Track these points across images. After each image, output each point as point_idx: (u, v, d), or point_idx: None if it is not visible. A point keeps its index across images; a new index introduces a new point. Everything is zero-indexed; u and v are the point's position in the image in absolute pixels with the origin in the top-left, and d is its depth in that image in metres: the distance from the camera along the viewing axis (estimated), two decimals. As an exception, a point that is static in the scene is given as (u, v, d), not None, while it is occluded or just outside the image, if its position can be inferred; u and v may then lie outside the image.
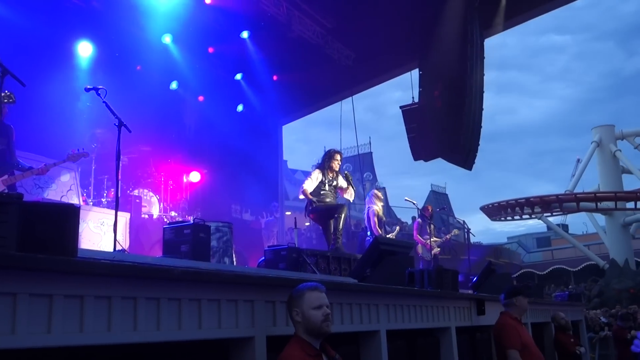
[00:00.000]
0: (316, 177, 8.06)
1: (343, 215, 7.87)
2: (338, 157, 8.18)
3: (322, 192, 8.00)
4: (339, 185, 8.20)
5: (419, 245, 11.46)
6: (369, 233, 10.22)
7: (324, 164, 8.15)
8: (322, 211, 7.90)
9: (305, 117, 17.66)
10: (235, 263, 7.99)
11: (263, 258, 6.47)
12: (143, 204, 10.89)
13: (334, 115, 16.05)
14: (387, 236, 10.91)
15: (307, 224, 24.64)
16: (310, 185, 7.99)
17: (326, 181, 8.07)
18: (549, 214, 27.14)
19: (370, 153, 41.00)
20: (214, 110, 14.23)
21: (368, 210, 10.31)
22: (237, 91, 14.88)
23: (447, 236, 12.42)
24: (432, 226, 11.46)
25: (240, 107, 15.32)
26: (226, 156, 14.14)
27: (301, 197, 8.16)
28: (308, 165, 33.99)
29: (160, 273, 2.59)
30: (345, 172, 8.39)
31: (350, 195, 8.27)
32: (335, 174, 8.17)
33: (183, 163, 13.26)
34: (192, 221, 5.30)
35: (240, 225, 13.02)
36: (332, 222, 7.88)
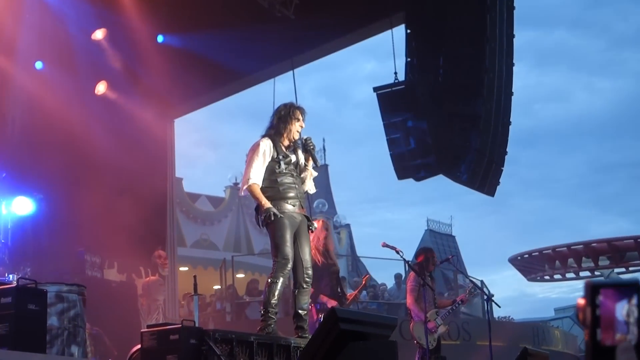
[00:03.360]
0: (264, 152, 8.05)
1: (282, 279, 7.87)
2: (301, 116, 8.22)
3: (278, 179, 8.01)
4: (299, 161, 8.22)
5: (413, 320, 11.44)
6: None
7: (279, 127, 8.16)
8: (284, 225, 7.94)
9: (211, 105, 17.63)
10: (90, 355, 7.83)
11: (139, 346, 6.40)
12: None
13: (262, 103, 16.03)
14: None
15: (217, 287, 24.49)
16: (258, 171, 7.98)
17: (281, 157, 8.09)
18: (624, 269, 27.71)
19: (325, 166, 41.19)
20: (58, 91, 14.06)
21: None
22: (97, 60, 14.76)
23: (463, 297, 12.43)
24: (432, 287, 11.52)
25: (101, 87, 15.18)
26: (77, 171, 13.96)
27: (243, 194, 8.24)
28: (218, 187, 33.78)
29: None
30: (305, 138, 8.28)
31: (310, 180, 8.32)
32: (292, 145, 8.21)
33: (1, 183, 13.03)
34: (15, 282, 5.21)
35: (100, 289, 12.82)
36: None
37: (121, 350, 10.58)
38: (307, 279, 8.03)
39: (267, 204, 7.83)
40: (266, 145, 8.07)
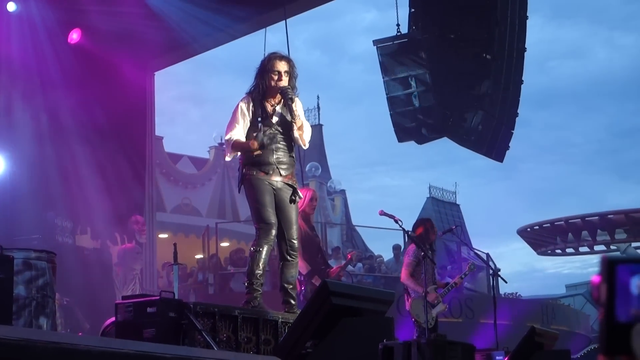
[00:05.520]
0: (242, 112, 8.10)
1: (267, 247, 7.89)
2: (280, 65, 8.11)
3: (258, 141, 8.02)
4: (288, 118, 8.11)
5: (411, 297, 11.46)
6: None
7: (258, 84, 8.18)
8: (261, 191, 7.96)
9: (195, 57, 17.55)
10: (60, 327, 7.85)
11: (113, 319, 6.41)
12: None
13: (251, 55, 15.87)
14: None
15: (199, 256, 24.48)
16: (238, 130, 8.04)
17: (260, 118, 8.06)
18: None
19: (320, 126, 41.09)
20: (28, 36, 13.98)
21: None
22: (71, 4, 14.65)
23: (457, 280, 12.41)
24: (433, 259, 11.51)
25: (75, 35, 15.11)
26: (47, 127, 13.91)
27: (229, 157, 8.30)
28: (202, 148, 33.52)
29: None
30: (281, 87, 8.08)
31: (305, 133, 8.22)
32: (277, 100, 8.17)
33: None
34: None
35: (71, 257, 12.85)
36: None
37: (94, 323, 10.60)
38: (291, 252, 8.02)
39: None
40: (244, 105, 8.11)
